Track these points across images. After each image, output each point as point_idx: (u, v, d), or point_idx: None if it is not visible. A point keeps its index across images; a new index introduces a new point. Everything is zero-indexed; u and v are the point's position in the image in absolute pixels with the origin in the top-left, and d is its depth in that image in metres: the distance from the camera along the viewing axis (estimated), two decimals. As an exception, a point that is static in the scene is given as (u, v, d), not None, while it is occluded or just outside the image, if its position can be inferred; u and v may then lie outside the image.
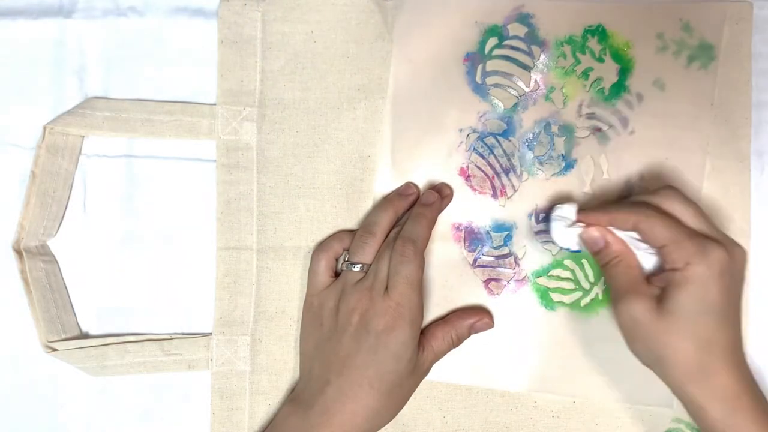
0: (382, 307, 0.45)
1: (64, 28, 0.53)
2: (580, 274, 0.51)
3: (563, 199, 0.51)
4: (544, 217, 0.50)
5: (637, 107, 0.51)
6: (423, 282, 0.48)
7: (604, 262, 0.46)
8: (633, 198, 0.47)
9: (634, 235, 0.45)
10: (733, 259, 0.43)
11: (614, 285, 0.46)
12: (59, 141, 0.51)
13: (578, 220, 0.47)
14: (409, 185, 0.52)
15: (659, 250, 0.44)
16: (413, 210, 0.50)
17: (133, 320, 0.53)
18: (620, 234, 0.46)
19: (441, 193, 0.51)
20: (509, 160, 0.51)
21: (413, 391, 0.48)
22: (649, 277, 0.45)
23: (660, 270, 0.45)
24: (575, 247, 0.48)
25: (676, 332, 0.43)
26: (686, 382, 0.43)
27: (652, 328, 0.43)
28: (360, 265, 0.48)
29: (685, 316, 0.43)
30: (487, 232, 0.51)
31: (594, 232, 0.46)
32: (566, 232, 0.47)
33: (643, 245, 0.45)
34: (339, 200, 0.52)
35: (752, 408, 0.43)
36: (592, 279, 0.51)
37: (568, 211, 0.47)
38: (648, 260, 0.46)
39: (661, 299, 0.43)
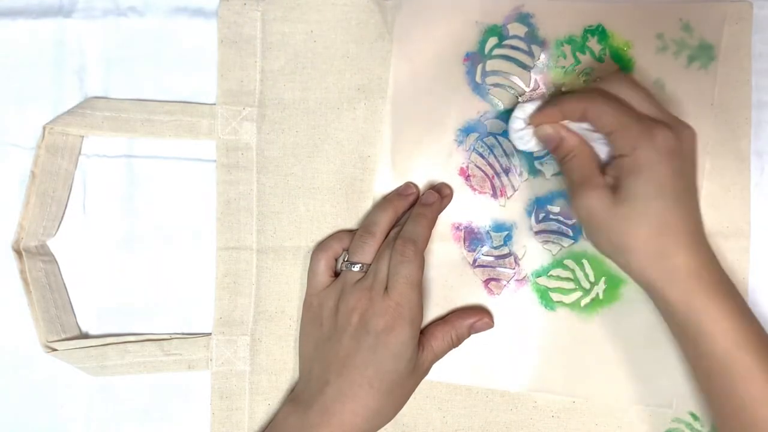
0: (382, 306, 0.45)
1: (64, 28, 0.53)
2: (580, 274, 0.51)
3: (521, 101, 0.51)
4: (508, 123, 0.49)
5: (637, 107, 0.51)
6: (423, 282, 0.48)
7: (560, 157, 0.47)
8: (581, 87, 0.48)
9: (588, 126, 0.45)
10: (680, 140, 0.43)
11: (570, 179, 0.46)
12: (59, 141, 0.51)
13: (531, 122, 0.47)
14: (409, 185, 0.52)
15: (608, 137, 0.44)
16: (413, 210, 0.50)
17: (133, 320, 0.53)
18: (574, 126, 0.46)
19: (441, 193, 0.51)
20: (509, 159, 0.51)
21: (413, 391, 0.48)
22: (605, 168, 0.45)
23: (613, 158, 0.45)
24: (536, 148, 0.48)
25: (631, 218, 0.43)
26: (645, 266, 0.43)
27: (608, 217, 0.44)
28: (359, 265, 0.48)
29: (638, 201, 0.43)
30: (487, 232, 0.51)
31: (547, 129, 0.46)
32: (523, 134, 0.48)
33: (597, 135, 0.45)
34: (339, 200, 0.52)
35: (713, 286, 0.43)
36: (592, 279, 0.51)
37: (523, 110, 0.47)
38: (603, 150, 0.46)
39: (614, 188, 0.44)
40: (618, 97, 0.44)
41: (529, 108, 0.47)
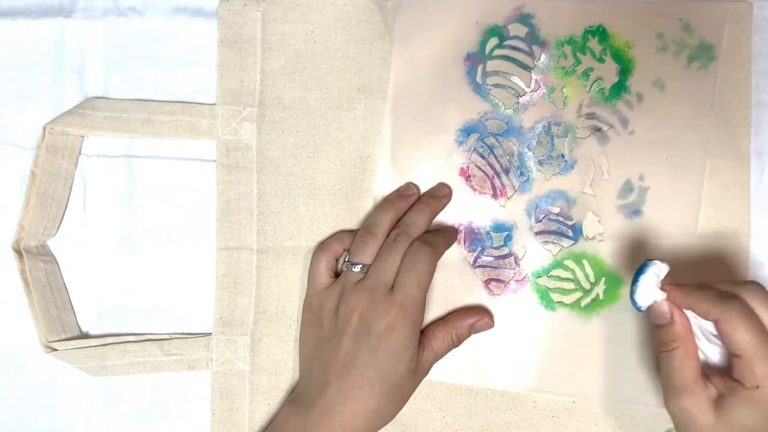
0: (384, 306, 0.45)
1: (64, 28, 0.53)
2: (580, 275, 0.51)
3: (657, 256, 0.48)
4: (638, 271, 0.44)
5: (637, 107, 0.51)
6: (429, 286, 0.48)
7: (662, 341, 0.44)
8: (716, 283, 0.44)
9: (711, 332, 0.43)
10: None
11: (668, 372, 0.44)
12: (59, 141, 0.51)
13: (663, 287, 0.44)
14: (410, 186, 0.51)
15: (734, 358, 0.42)
16: (420, 198, 0.50)
17: (133, 320, 0.53)
18: (695, 323, 0.44)
19: (439, 194, 0.51)
20: (509, 160, 0.51)
21: (413, 392, 0.48)
22: (707, 373, 0.43)
23: (722, 367, 0.43)
24: (643, 307, 0.44)
25: None
26: None
27: (705, 428, 0.42)
28: (360, 265, 0.48)
29: (745, 428, 0.41)
30: (487, 233, 0.51)
31: (663, 307, 0.44)
32: (648, 292, 0.44)
33: (714, 335, 0.43)
34: (339, 200, 0.52)
35: None
36: (592, 279, 0.51)
37: (660, 269, 0.44)
38: (713, 351, 0.44)
39: (719, 404, 0.42)
40: (757, 315, 0.42)
41: (659, 267, 0.44)
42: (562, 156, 0.51)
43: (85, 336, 0.53)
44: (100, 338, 0.52)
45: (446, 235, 0.51)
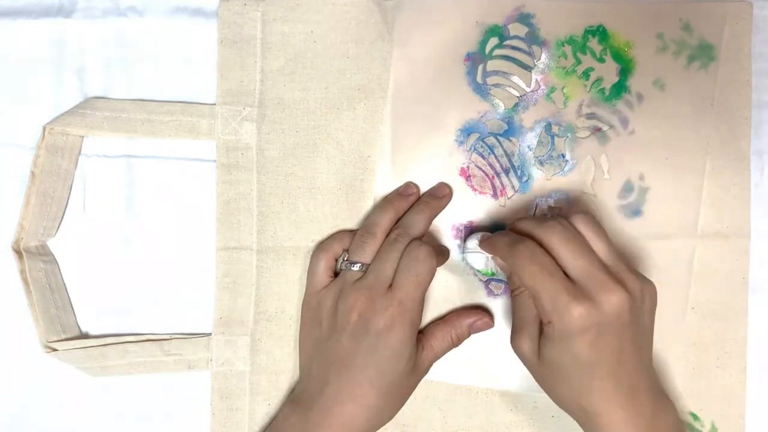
0: (382, 305, 0.45)
1: (64, 28, 0.52)
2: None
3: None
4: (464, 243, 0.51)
5: (637, 107, 0.51)
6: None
7: (511, 288, 0.47)
8: (521, 223, 0.46)
9: None
10: (600, 311, 0.41)
11: (513, 316, 0.47)
12: (59, 141, 0.51)
13: (482, 247, 0.48)
14: (410, 185, 0.51)
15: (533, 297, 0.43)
16: (420, 198, 0.51)
17: (133, 320, 0.53)
18: None
19: (439, 193, 0.51)
20: (510, 160, 0.51)
21: (413, 391, 0.48)
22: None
23: None
24: (481, 267, 0.50)
25: (552, 378, 0.44)
26: (572, 417, 0.45)
27: (535, 368, 0.45)
28: (359, 264, 0.48)
29: (556, 367, 0.43)
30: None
31: (499, 260, 0.48)
32: (476, 258, 0.49)
33: None
34: (339, 200, 0.52)
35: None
36: (592, 279, 0.51)
37: (472, 243, 0.49)
38: None
39: (539, 345, 0.44)
40: (547, 250, 0.43)
41: (472, 241, 0.49)
42: (563, 156, 0.51)
43: (85, 336, 0.53)
44: (100, 338, 0.52)
45: (440, 247, 0.51)
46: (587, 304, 0.41)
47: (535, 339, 0.44)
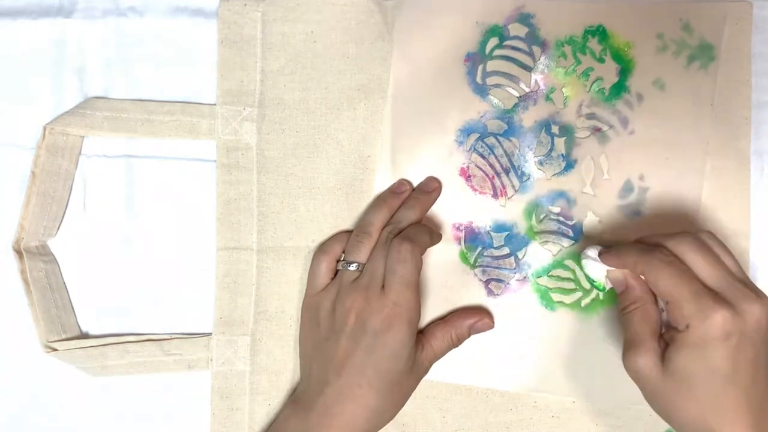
0: (379, 306, 0.45)
1: (64, 28, 0.52)
2: (580, 275, 0.51)
3: (590, 241, 0.50)
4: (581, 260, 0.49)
5: (637, 107, 0.51)
6: (423, 282, 0.48)
7: (622, 306, 0.45)
8: (648, 237, 0.45)
9: None
10: (742, 319, 0.40)
11: (626, 333, 0.45)
12: (59, 141, 0.51)
13: (602, 259, 0.46)
14: (402, 182, 0.51)
15: (666, 305, 0.43)
16: (410, 194, 0.50)
17: (133, 320, 0.53)
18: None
19: (428, 188, 0.51)
20: (510, 160, 0.51)
21: (413, 391, 0.48)
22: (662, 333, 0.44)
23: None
24: (600, 281, 0.49)
25: (678, 393, 0.41)
26: None
27: (656, 384, 0.42)
28: (356, 264, 0.48)
29: (686, 379, 0.41)
30: (488, 232, 0.51)
31: (617, 274, 0.46)
32: (594, 269, 0.47)
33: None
34: (339, 200, 0.52)
35: None
36: (592, 279, 0.51)
37: (592, 252, 0.47)
38: None
39: (666, 356, 0.42)
40: (681, 261, 0.42)
41: (591, 251, 0.47)
42: (563, 156, 0.51)
43: (85, 336, 0.53)
44: (100, 338, 0.52)
45: (428, 229, 0.50)
46: (730, 309, 0.40)
47: (655, 353, 0.42)
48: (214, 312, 0.52)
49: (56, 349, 0.51)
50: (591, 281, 0.50)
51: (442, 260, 0.51)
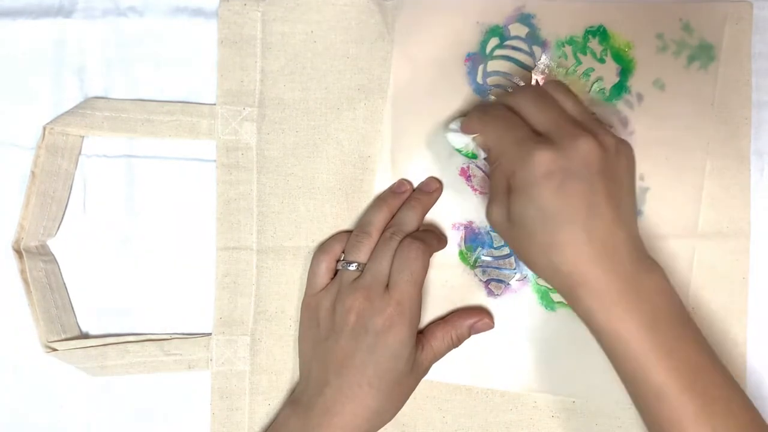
0: (381, 305, 0.45)
1: (64, 28, 0.52)
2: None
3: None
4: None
5: (637, 107, 0.51)
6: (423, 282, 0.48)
7: (489, 165, 0.46)
8: (498, 97, 0.47)
9: None
10: (566, 156, 0.40)
11: (489, 190, 0.45)
12: (59, 141, 0.51)
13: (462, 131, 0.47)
14: (402, 182, 0.52)
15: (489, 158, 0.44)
16: (411, 195, 0.51)
17: (133, 320, 0.53)
18: None
19: (428, 188, 0.51)
20: (509, 160, 0.51)
21: (413, 391, 0.48)
22: None
23: None
24: (462, 147, 0.49)
25: (520, 237, 0.42)
26: (548, 281, 0.43)
27: (507, 232, 0.43)
28: (356, 264, 0.48)
29: (523, 223, 0.42)
30: (488, 233, 0.51)
31: (478, 138, 0.46)
32: (458, 140, 0.48)
33: None
34: (339, 200, 0.52)
35: (623, 303, 0.40)
36: (592, 279, 0.51)
37: (455, 125, 0.48)
38: None
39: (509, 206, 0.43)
40: (516, 113, 0.43)
41: (455, 124, 0.48)
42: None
43: (85, 336, 0.53)
44: (100, 338, 0.52)
45: (437, 234, 0.51)
46: (552, 149, 0.40)
47: (505, 204, 0.43)
48: (214, 312, 0.52)
49: (56, 349, 0.51)
50: (459, 151, 0.49)
51: (442, 260, 0.51)
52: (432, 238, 0.49)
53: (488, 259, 0.51)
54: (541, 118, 0.43)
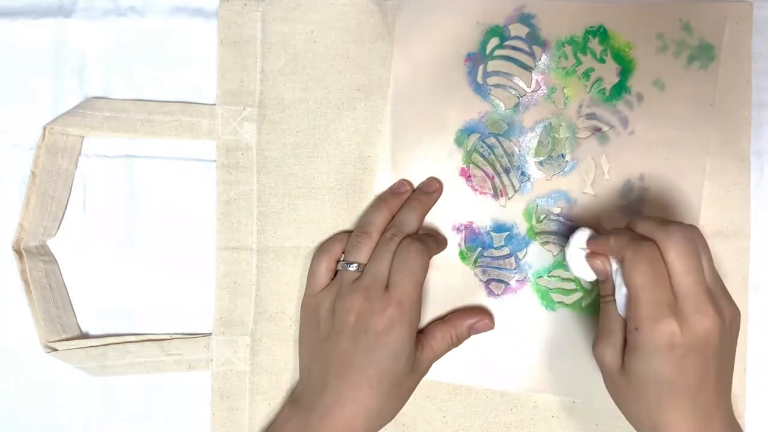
0: (381, 306, 0.45)
1: (64, 28, 0.52)
2: (580, 275, 0.51)
3: (580, 224, 0.49)
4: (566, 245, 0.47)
5: (637, 107, 0.51)
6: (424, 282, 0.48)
7: (603, 294, 0.45)
8: (640, 222, 0.44)
9: None
10: (691, 332, 0.40)
11: (601, 321, 0.45)
12: (59, 141, 0.51)
13: (588, 247, 0.45)
14: (403, 183, 0.52)
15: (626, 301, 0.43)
16: (411, 196, 0.51)
17: (133, 320, 0.53)
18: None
19: (429, 188, 0.51)
20: (510, 160, 0.51)
21: (413, 391, 0.48)
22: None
23: None
24: (589, 278, 0.46)
25: (629, 390, 0.43)
26: None
27: (615, 378, 0.43)
28: (356, 264, 0.48)
29: (636, 378, 0.42)
30: (488, 233, 0.51)
31: (597, 262, 0.45)
32: (580, 260, 0.46)
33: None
34: (339, 200, 0.52)
35: None
36: (592, 279, 0.51)
37: (580, 238, 0.46)
38: None
39: (624, 354, 0.43)
40: (661, 259, 0.42)
41: (579, 236, 0.46)
42: (563, 156, 0.51)
43: (85, 336, 0.53)
44: (100, 338, 0.52)
45: (437, 237, 0.51)
46: (680, 323, 0.40)
47: (618, 348, 0.43)
48: (214, 312, 0.52)
49: (56, 349, 0.51)
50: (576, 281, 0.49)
51: (442, 260, 0.51)
52: (432, 239, 0.49)
53: (489, 259, 0.51)
54: (682, 279, 0.41)
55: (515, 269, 0.51)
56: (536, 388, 0.51)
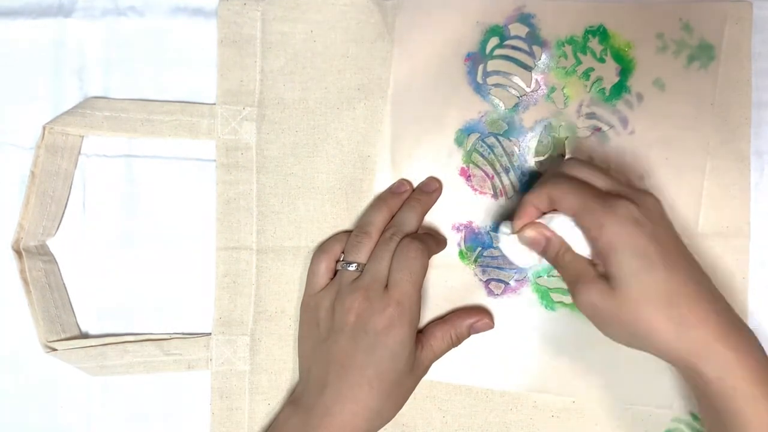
0: (380, 305, 0.45)
1: (64, 28, 0.52)
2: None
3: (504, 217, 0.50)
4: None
5: (637, 107, 0.51)
6: (423, 282, 0.48)
7: (551, 258, 0.45)
8: (544, 174, 0.47)
9: (569, 220, 0.44)
10: (644, 207, 0.42)
11: (566, 277, 0.44)
12: (59, 141, 0.51)
13: (515, 231, 0.46)
14: (402, 182, 0.52)
15: (575, 219, 0.43)
16: (411, 195, 0.51)
17: (133, 320, 0.53)
18: (556, 224, 0.44)
19: (428, 188, 0.51)
20: (510, 160, 0.51)
21: (412, 391, 0.48)
22: (594, 260, 0.44)
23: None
24: (532, 261, 0.46)
25: (633, 300, 0.40)
26: (671, 345, 0.40)
27: (612, 307, 0.41)
28: (355, 264, 0.48)
29: (632, 280, 0.40)
30: (488, 232, 0.51)
31: (530, 232, 0.45)
32: (514, 248, 0.46)
33: (578, 231, 0.43)
34: (339, 200, 0.52)
35: (752, 363, 0.39)
36: (592, 279, 0.51)
37: (505, 225, 0.46)
38: (582, 244, 0.44)
39: (605, 276, 0.42)
40: (577, 177, 0.44)
41: (504, 226, 0.46)
42: (563, 156, 0.51)
43: (85, 336, 0.53)
44: (100, 338, 0.52)
45: (436, 236, 0.51)
46: (629, 201, 0.42)
47: (597, 277, 0.42)
48: (213, 312, 0.52)
49: (56, 349, 0.51)
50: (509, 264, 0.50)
51: (441, 260, 0.51)
52: (431, 239, 0.49)
53: (488, 258, 0.51)
54: (603, 181, 0.43)
55: (515, 269, 0.51)
56: (536, 388, 0.51)
